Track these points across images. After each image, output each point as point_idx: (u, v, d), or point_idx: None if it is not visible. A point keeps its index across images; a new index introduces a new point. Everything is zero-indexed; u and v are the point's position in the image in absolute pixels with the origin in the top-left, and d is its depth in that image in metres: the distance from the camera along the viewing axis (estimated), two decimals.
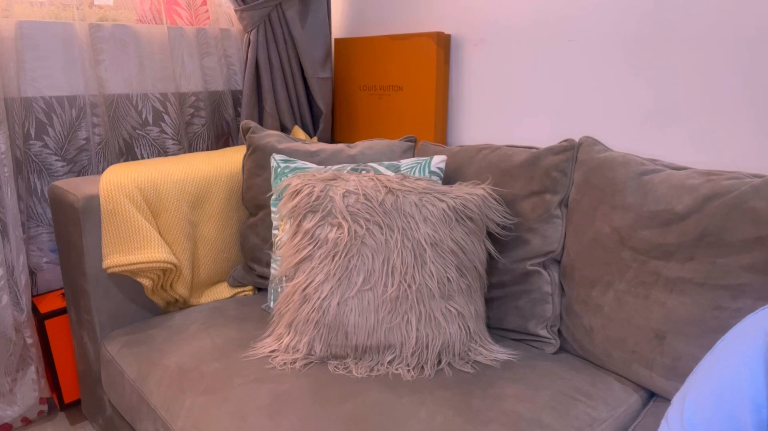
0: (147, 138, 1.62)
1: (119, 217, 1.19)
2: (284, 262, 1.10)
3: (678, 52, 1.16)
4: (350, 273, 1.03)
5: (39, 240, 1.48)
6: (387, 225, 1.05)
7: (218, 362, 1.05)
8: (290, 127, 1.74)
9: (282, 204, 1.13)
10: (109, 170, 1.26)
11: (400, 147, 1.35)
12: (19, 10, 1.38)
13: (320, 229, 1.06)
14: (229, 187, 1.40)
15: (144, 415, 1.04)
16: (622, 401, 0.97)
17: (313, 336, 1.04)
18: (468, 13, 1.51)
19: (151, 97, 1.61)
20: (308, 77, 1.73)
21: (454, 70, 1.57)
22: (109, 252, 1.19)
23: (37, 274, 1.51)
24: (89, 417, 1.42)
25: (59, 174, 1.47)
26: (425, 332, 1.02)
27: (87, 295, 1.23)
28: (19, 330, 1.38)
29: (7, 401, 1.41)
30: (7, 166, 1.31)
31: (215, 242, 1.39)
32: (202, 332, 1.17)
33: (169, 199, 1.28)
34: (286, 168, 1.24)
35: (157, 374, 1.06)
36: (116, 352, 1.17)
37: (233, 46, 1.77)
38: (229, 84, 1.78)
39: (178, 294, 1.30)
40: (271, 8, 1.62)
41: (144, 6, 1.58)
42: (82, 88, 1.47)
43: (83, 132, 1.49)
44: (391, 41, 1.61)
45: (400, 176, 1.13)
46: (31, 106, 1.40)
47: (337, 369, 1.03)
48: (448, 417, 0.89)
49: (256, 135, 1.36)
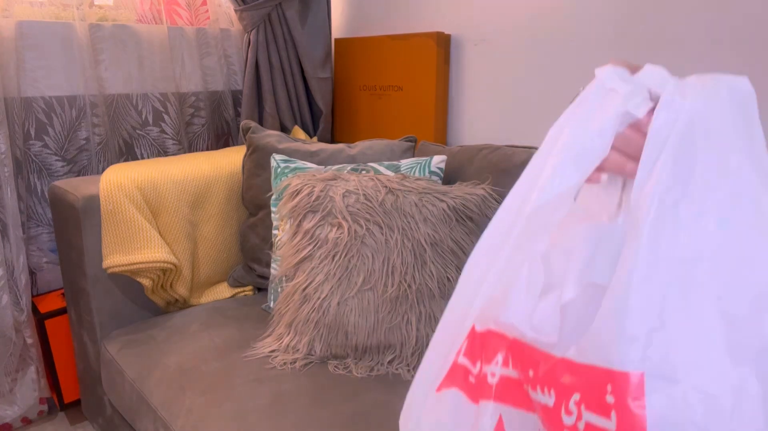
0: (147, 138, 1.62)
1: (119, 217, 1.19)
2: (284, 262, 1.10)
3: (678, 53, 1.16)
4: (350, 273, 1.03)
5: (39, 240, 1.48)
6: (387, 225, 1.05)
7: (218, 362, 1.05)
8: (290, 127, 1.74)
9: (282, 204, 1.13)
10: (109, 170, 1.25)
11: (400, 147, 1.35)
12: (19, 10, 1.38)
13: (320, 229, 1.06)
14: (229, 187, 1.40)
15: (144, 415, 1.04)
16: None
17: (313, 336, 1.04)
18: (468, 13, 1.51)
19: (151, 97, 1.61)
20: (308, 77, 1.73)
21: (454, 70, 1.57)
22: (109, 252, 1.19)
23: (37, 274, 1.51)
24: (89, 417, 1.42)
25: (59, 174, 1.47)
26: (425, 332, 1.02)
27: (87, 295, 1.23)
28: (19, 330, 1.38)
29: (7, 401, 1.41)
30: (7, 166, 1.31)
31: (215, 242, 1.39)
32: (202, 332, 1.17)
33: (169, 199, 1.28)
34: (286, 168, 1.24)
35: (157, 374, 1.06)
36: (116, 352, 1.17)
37: (233, 46, 1.77)
38: (229, 84, 1.78)
39: (178, 294, 1.30)
40: (271, 8, 1.62)
41: (144, 6, 1.58)
42: (82, 88, 1.47)
43: (83, 132, 1.49)
44: (391, 41, 1.61)
45: (400, 176, 1.13)
46: (31, 106, 1.40)
47: (337, 369, 1.03)
48: None
49: (256, 135, 1.36)
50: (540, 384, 0.38)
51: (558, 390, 0.36)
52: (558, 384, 0.36)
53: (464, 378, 0.43)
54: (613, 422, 0.32)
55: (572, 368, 0.36)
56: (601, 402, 0.33)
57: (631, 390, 0.32)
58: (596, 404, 0.34)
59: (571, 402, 0.35)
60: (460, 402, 0.43)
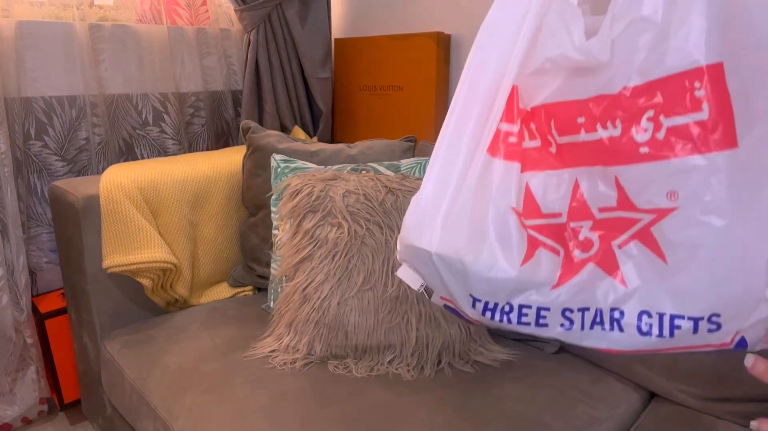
0: (147, 138, 1.62)
1: (119, 217, 1.19)
2: (284, 262, 1.10)
3: None
4: (350, 273, 1.03)
5: (39, 240, 1.48)
6: (387, 225, 1.05)
7: (218, 362, 1.05)
8: (290, 127, 1.74)
9: (282, 204, 1.13)
10: (109, 170, 1.25)
11: (400, 147, 1.35)
12: (19, 10, 1.38)
13: (320, 229, 1.06)
14: (229, 187, 1.40)
15: (144, 415, 1.04)
16: (622, 400, 0.97)
17: (313, 336, 1.04)
18: (468, 13, 1.51)
19: (151, 97, 1.61)
20: (308, 77, 1.73)
21: (454, 70, 1.57)
22: (109, 252, 1.19)
23: (37, 274, 1.51)
24: (89, 417, 1.42)
25: (59, 174, 1.47)
26: (425, 332, 1.02)
27: (87, 295, 1.23)
28: (19, 330, 1.38)
29: (7, 401, 1.41)
30: (7, 166, 1.31)
31: (215, 242, 1.39)
32: (202, 332, 1.17)
33: (169, 199, 1.28)
34: (286, 168, 1.24)
35: (157, 374, 1.06)
36: (116, 352, 1.17)
37: (233, 46, 1.77)
38: (229, 84, 1.78)
39: (178, 294, 1.30)
40: (271, 8, 1.62)
41: (144, 6, 1.58)
42: (82, 88, 1.47)
43: (83, 132, 1.49)
44: (391, 41, 1.61)
45: (400, 176, 1.13)
46: (31, 106, 1.40)
47: (337, 369, 1.03)
48: (448, 416, 0.89)
49: (256, 135, 1.36)
50: (599, 121, 0.42)
51: (625, 116, 0.41)
52: (624, 111, 0.41)
53: (506, 143, 0.47)
54: (706, 111, 0.38)
55: (640, 91, 0.40)
56: (690, 101, 0.38)
57: (717, 78, 0.37)
58: (681, 106, 0.39)
59: (644, 120, 0.40)
60: (506, 168, 0.47)
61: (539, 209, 0.45)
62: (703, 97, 0.38)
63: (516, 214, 0.45)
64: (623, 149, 0.41)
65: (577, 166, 0.44)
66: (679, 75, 0.39)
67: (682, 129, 0.38)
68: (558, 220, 0.45)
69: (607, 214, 0.43)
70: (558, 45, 0.44)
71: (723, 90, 0.37)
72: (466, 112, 0.49)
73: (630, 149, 0.41)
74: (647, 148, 0.40)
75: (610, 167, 0.42)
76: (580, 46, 0.43)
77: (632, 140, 0.40)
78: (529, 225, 0.45)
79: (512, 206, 0.45)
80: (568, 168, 0.45)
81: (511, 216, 0.45)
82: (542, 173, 0.46)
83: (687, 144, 0.38)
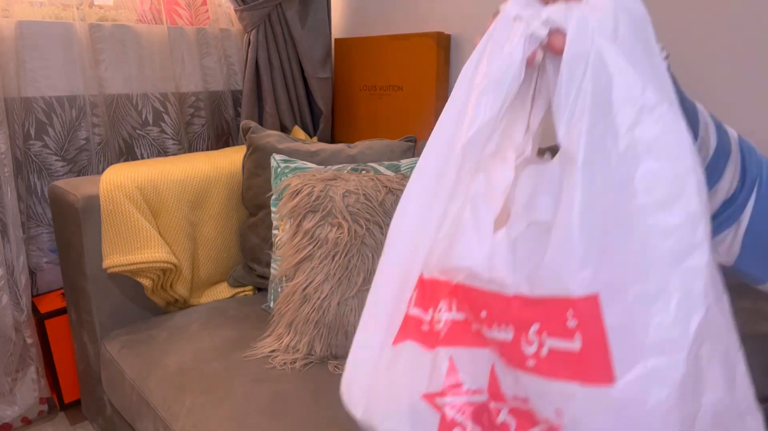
0: (147, 138, 1.62)
1: (119, 217, 1.19)
2: (284, 262, 1.10)
3: (677, 53, 1.16)
4: (350, 273, 1.03)
5: (39, 240, 1.48)
6: (387, 225, 1.05)
7: (218, 362, 1.05)
8: (290, 127, 1.74)
9: (282, 204, 1.13)
10: (109, 170, 1.25)
11: (400, 147, 1.35)
12: (19, 10, 1.38)
13: (320, 229, 1.06)
14: (229, 187, 1.40)
15: (144, 415, 1.04)
16: None
17: (313, 336, 1.04)
18: (468, 13, 1.51)
19: (151, 97, 1.61)
20: (308, 77, 1.73)
21: (454, 70, 1.57)
22: (109, 252, 1.19)
23: (37, 274, 1.51)
24: (89, 417, 1.42)
25: (59, 174, 1.47)
26: None
27: (87, 295, 1.23)
28: (19, 330, 1.38)
29: (7, 401, 1.41)
30: (7, 166, 1.31)
31: (215, 242, 1.39)
32: (202, 332, 1.17)
33: (169, 199, 1.28)
34: (286, 168, 1.24)
35: (157, 374, 1.06)
36: (116, 352, 1.17)
37: (233, 46, 1.77)
38: (229, 84, 1.78)
39: (178, 294, 1.30)
40: (271, 8, 1.62)
41: (144, 6, 1.58)
42: (82, 88, 1.47)
43: (83, 132, 1.49)
44: (391, 41, 1.61)
45: (400, 176, 1.13)
46: (31, 106, 1.40)
47: (337, 369, 1.03)
48: None
49: (256, 135, 1.36)
50: (497, 321, 0.40)
51: (516, 324, 0.38)
52: (515, 319, 0.39)
53: (417, 329, 0.45)
54: (578, 342, 0.35)
55: (528, 303, 0.38)
56: (563, 328, 0.36)
57: (590, 311, 0.35)
58: (558, 330, 0.36)
59: (531, 333, 0.38)
60: (416, 352, 0.44)
61: (461, 385, 0.43)
62: (575, 328, 0.35)
63: (429, 396, 0.43)
64: (515, 356, 0.38)
65: (492, 349, 0.42)
66: (554, 300, 0.36)
67: (561, 353, 0.36)
68: (479, 398, 0.42)
69: (519, 404, 0.40)
70: (466, 255, 0.42)
71: (597, 323, 0.35)
72: (381, 292, 0.49)
73: (520, 358, 0.38)
74: (534, 361, 0.37)
75: (510, 366, 0.39)
76: (491, 263, 0.40)
77: (521, 350, 0.38)
78: (448, 403, 0.43)
79: (425, 390, 0.43)
80: (486, 348, 0.42)
81: (424, 401, 0.43)
82: (466, 349, 0.42)
83: (567, 368, 0.35)
